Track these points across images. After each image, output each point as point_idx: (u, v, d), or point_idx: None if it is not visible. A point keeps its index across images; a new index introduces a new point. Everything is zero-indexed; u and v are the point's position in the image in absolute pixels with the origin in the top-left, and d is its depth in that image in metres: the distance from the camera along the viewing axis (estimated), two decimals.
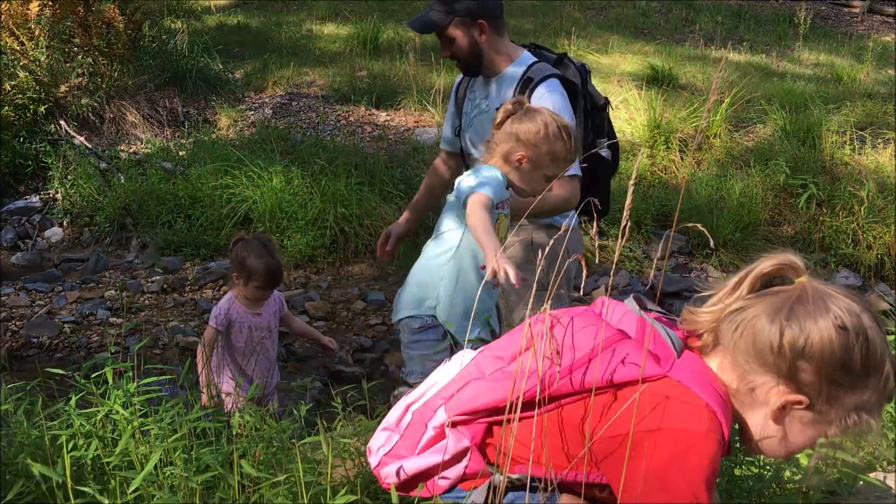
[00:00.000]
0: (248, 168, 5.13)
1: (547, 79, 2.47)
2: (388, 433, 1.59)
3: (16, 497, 1.58)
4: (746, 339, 1.23)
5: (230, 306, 2.79)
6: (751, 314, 1.23)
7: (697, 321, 1.32)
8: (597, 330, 1.36)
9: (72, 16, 6.06)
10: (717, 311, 1.29)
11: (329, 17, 9.39)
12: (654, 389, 1.25)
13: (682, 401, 1.23)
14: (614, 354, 1.31)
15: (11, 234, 5.06)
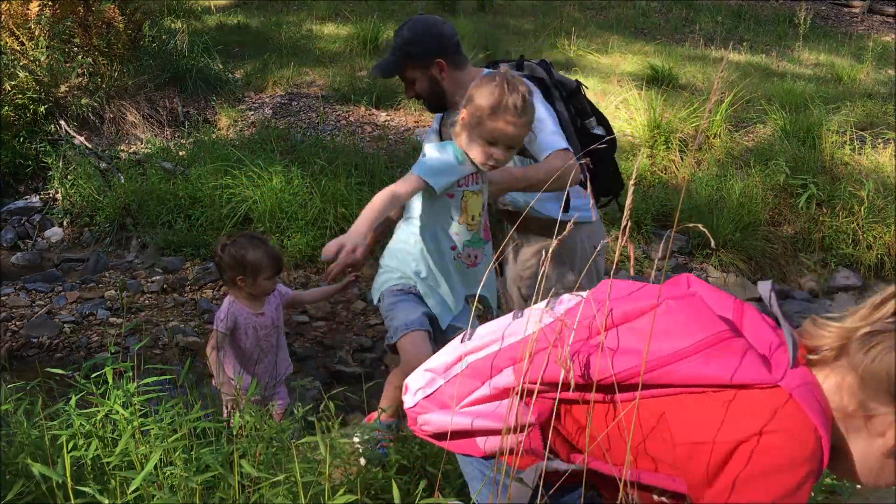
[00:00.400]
0: (248, 168, 5.13)
1: None
2: (432, 376, 1.50)
3: (16, 497, 1.58)
4: (881, 366, 1.12)
5: (232, 309, 2.77)
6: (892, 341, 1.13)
7: (823, 336, 1.22)
8: (706, 321, 1.25)
9: (72, 16, 6.06)
10: (848, 329, 1.19)
11: (329, 17, 9.39)
12: (760, 398, 1.16)
13: (790, 417, 1.14)
14: (723, 352, 1.20)
15: (11, 234, 5.06)
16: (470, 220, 2.21)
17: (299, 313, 4.33)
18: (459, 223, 2.21)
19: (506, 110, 2.01)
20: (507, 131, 2.04)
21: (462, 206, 2.18)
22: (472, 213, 2.20)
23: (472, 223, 2.22)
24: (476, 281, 2.28)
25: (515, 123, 2.04)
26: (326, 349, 4.06)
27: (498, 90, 2.02)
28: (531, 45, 8.56)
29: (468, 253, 2.24)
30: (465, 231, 2.22)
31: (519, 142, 2.12)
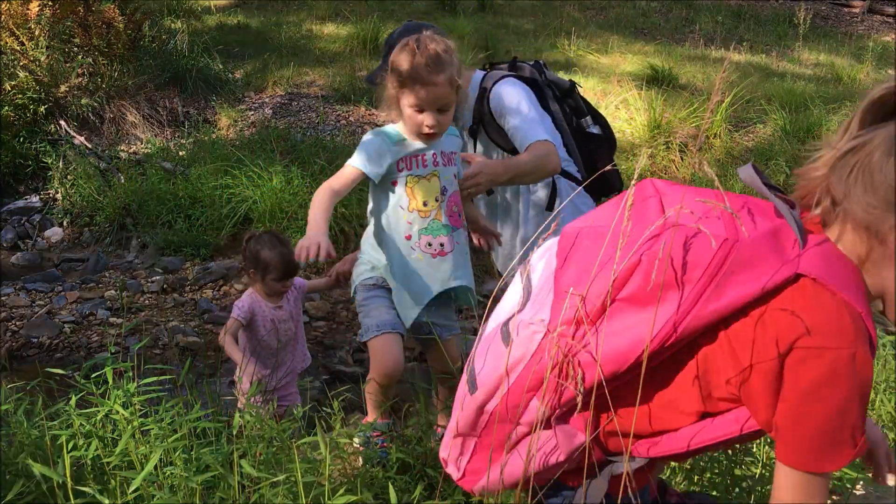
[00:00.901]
0: (248, 168, 5.13)
1: (500, 80, 2.50)
2: (462, 439, 1.40)
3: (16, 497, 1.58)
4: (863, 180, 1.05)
5: (252, 300, 2.82)
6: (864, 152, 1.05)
7: (810, 178, 1.14)
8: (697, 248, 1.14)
9: (72, 16, 6.06)
10: (827, 159, 1.10)
11: (329, 17, 9.40)
12: (786, 300, 1.08)
13: (821, 306, 1.07)
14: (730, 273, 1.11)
15: (11, 234, 5.06)
16: (421, 206, 2.11)
17: None
18: (409, 211, 2.12)
19: (420, 71, 1.96)
20: (429, 93, 1.97)
21: (408, 192, 2.10)
22: (421, 198, 2.10)
23: (424, 209, 2.12)
24: (452, 272, 2.17)
25: (435, 82, 1.97)
26: (326, 349, 4.06)
27: (409, 53, 1.97)
28: (531, 44, 8.56)
29: (427, 241, 2.14)
30: (418, 218, 2.12)
31: (447, 102, 2.03)
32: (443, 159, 2.15)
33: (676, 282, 1.13)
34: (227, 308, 4.33)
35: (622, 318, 1.18)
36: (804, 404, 1.08)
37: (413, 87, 1.98)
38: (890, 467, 1.43)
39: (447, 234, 2.15)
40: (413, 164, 2.11)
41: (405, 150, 2.10)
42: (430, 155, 2.12)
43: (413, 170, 2.10)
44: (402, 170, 2.10)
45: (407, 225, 2.12)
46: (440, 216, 2.12)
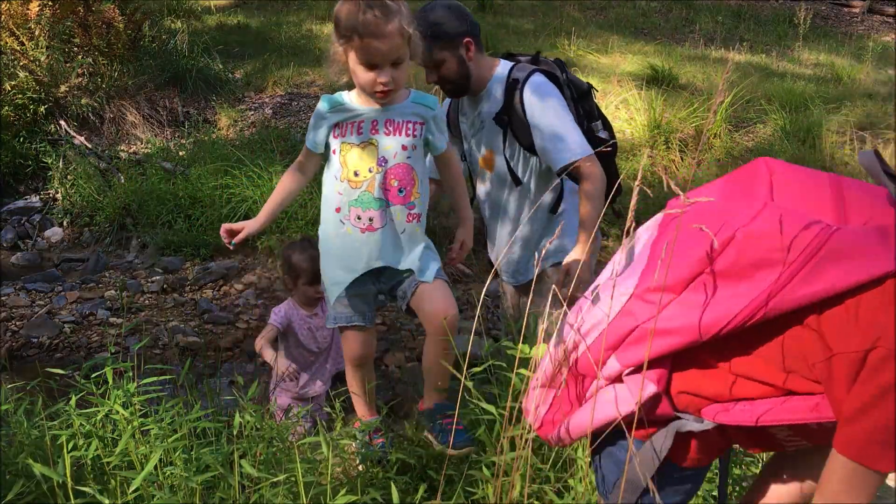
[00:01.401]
0: (248, 168, 5.13)
1: (531, 74, 2.49)
2: (544, 391, 1.48)
3: (16, 497, 1.58)
4: None
5: (289, 308, 2.83)
6: None
7: None
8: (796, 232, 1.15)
9: (72, 16, 6.06)
10: None
11: (329, 17, 9.38)
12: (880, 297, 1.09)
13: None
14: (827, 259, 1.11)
15: (11, 234, 5.06)
16: (352, 176, 1.98)
17: None
18: (340, 180, 2.00)
19: (367, 23, 1.81)
20: (379, 47, 1.83)
21: (340, 160, 1.98)
22: (353, 167, 1.97)
23: (354, 179, 1.98)
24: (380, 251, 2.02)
25: (384, 33, 1.82)
26: None
27: (352, 5, 1.84)
28: (531, 44, 8.55)
29: (356, 214, 1.99)
30: (348, 189, 1.99)
31: (400, 54, 1.87)
32: (387, 128, 1.97)
33: (770, 261, 1.15)
34: (227, 308, 4.34)
35: (709, 291, 1.21)
36: (876, 400, 1.10)
37: (362, 41, 1.83)
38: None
39: (378, 208, 1.98)
40: (347, 130, 1.98)
41: (341, 115, 1.97)
42: (369, 122, 1.96)
43: (346, 136, 1.97)
44: (336, 136, 1.98)
45: (337, 196, 2.02)
46: (372, 188, 1.97)
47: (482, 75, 2.55)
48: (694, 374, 1.28)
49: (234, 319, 4.22)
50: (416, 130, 2.01)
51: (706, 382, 1.28)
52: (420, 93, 2.02)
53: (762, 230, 1.17)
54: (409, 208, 2.02)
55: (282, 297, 4.48)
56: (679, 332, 1.22)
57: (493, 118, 2.54)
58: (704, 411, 1.29)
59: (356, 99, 1.98)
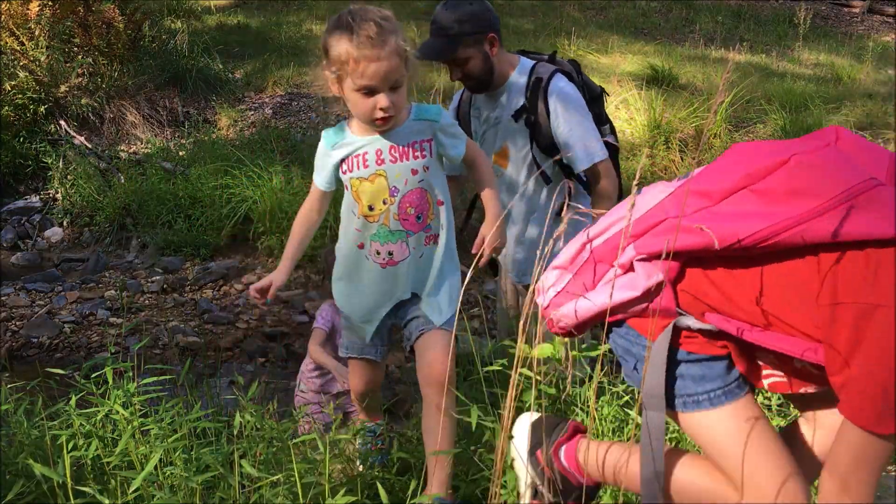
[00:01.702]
0: (248, 168, 5.13)
1: (554, 75, 2.49)
2: (560, 272, 1.49)
3: (16, 497, 1.58)
4: None
5: (332, 309, 2.83)
6: None
7: None
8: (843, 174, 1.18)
9: (72, 16, 6.06)
10: None
11: (329, 17, 9.38)
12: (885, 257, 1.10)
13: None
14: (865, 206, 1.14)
15: (11, 234, 5.06)
16: (367, 211, 1.86)
17: (299, 313, 4.33)
18: (358, 217, 1.88)
19: (362, 46, 1.69)
20: (376, 70, 1.69)
21: (354, 195, 1.87)
22: (367, 201, 1.85)
23: (371, 213, 1.86)
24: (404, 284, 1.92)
25: (380, 56, 1.69)
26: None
27: (344, 29, 1.72)
28: (531, 44, 8.55)
29: (376, 249, 1.89)
30: (366, 223, 1.87)
31: (398, 77, 1.74)
32: (392, 155, 1.85)
33: (811, 192, 1.17)
34: (227, 308, 4.34)
35: (744, 204, 1.24)
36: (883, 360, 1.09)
37: (358, 66, 1.70)
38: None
39: (396, 240, 1.88)
40: (354, 164, 1.86)
41: (344, 150, 1.86)
42: (374, 152, 1.84)
43: (354, 171, 1.86)
44: (345, 173, 1.87)
45: (356, 233, 1.90)
46: (388, 220, 1.86)
47: (503, 71, 2.54)
48: (701, 280, 1.31)
49: (234, 319, 4.23)
50: (425, 150, 1.87)
51: (711, 291, 1.29)
52: (421, 106, 1.89)
53: (815, 161, 1.20)
54: (426, 231, 1.90)
55: (281, 296, 4.48)
56: (699, 232, 1.24)
57: (512, 116, 2.53)
58: (707, 316, 1.31)
59: (356, 129, 1.87)
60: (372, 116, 1.76)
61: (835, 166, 1.20)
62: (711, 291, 1.30)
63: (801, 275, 1.19)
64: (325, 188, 1.92)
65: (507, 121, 2.56)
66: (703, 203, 1.29)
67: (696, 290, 1.32)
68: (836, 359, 1.15)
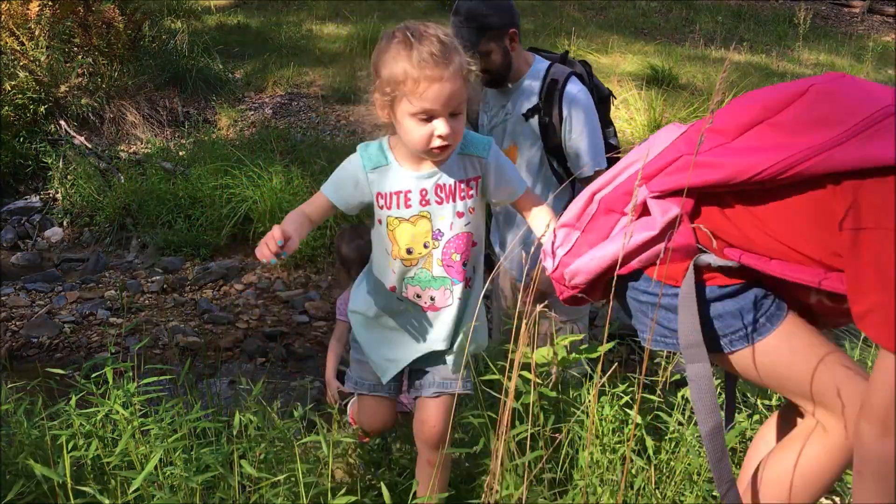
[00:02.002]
0: (248, 168, 5.13)
1: (570, 77, 2.49)
2: (567, 230, 1.42)
3: (16, 497, 1.58)
4: None
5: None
6: None
7: None
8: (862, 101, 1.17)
9: (72, 16, 6.06)
10: None
11: (329, 17, 9.40)
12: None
13: None
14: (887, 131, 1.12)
15: (11, 234, 5.06)
16: (404, 254, 1.67)
17: (299, 313, 4.33)
18: (392, 257, 1.68)
19: (424, 64, 1.47)
20: (438, 92, 1.48)
21: (389, 235, 1.66)
22: (404, 244, 1.66)
23: (408, 258, 1.67)
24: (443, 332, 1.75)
25: (443, 76, 1.48)
26: (326, 349, 4.06)
27: (403, 46, 1.50)
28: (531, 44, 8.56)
29: (415, 292, 1.71)
30: (402, 266, 1.68)
31: (460, 101, 1.54)
32: (439, 195, 1.64)
33: (831, 121, 1.16)
34: (227, 308, 4.34)
35: (762, 138, 1.22)
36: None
37: (418, 88, 1.48)
38: None
39: (438, 287, 1.70)
40: (394, 202, 1.64)
41: (385, 182, 1.64)
42: (418, 192, 1.63)
43: (394, 210, 1.64)
44: (381, 207, 1.65)
45: (391, 274, 1.71)
46: (430, 266, 1.68)
47: (518, 68, 2.55)
48: (717, 216, 1.27)
49: (234, 319, 4.22)
50: (472, 189, 1.67)
51: (727, 227, 1.26)
52: (469, 136, 1.67)
53: (834, 90, 1.20)
54: (473, 284, 1.75)
55: (281, 296, 4.48)
56: (717, 167, 1.21)
57: (524, 114, 2.53)
58: (727, 252, 1.27)
59: (402, 157, 1.64)
60: (428, 145, 1.54)
61: (854, 94, 1.19)
62: (728, 227, 1.26)
63: (822, 204, 1.17)
64: (345, 209, 1.67)
65: (517, 119, 2.56)
66: (718, 140, 1.27)
67: (712, 226, 1.27)
68: (860, 284, 1.13)
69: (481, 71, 2.47)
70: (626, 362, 3.54)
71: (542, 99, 2.49)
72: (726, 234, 1.27)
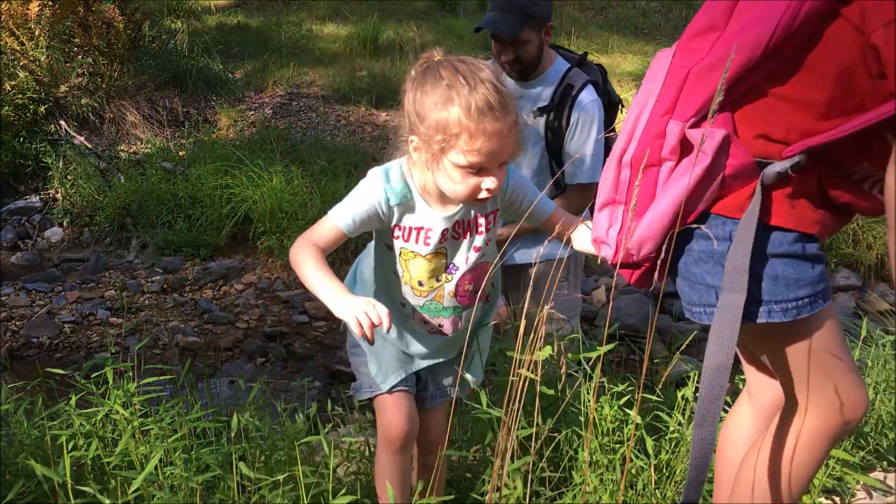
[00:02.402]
0: (248, 168, 5.13)
1: (586, 85, 2.50)
2: (609, 210, 1.32)
3: (16, 497, 1.58)
4: None
5: None
6: None
7: None
8: None
9: (72, 16, 6.06)
10: None
11: (329, 17, 9.40)
12: None
13: None
14: None
15: (11, 234, 5.06)
16: (416, 285, 1.60)
17: (299, 313, 4.33)
18: (404, 283, 1.61)
19: (482, 117, 1.35)
20: (494, 148, 1.38)
21: (402, 263, 1.58)
22: (417, 277, 1.58)
23: (419, 289, 1.60)
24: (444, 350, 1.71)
25: (502, 133, 1.37)
26: (326, 349, 4.06)
27: (455, 91, 1.37)
28: None
29: (421, 319, 1.64)
30: (412, 295, 1.62)
31: (514, 151, 1.45)
32: (457, 230, 1.56)
33: None
34: (227, 308, 4.34)
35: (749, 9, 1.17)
36: None
37: (473, 140, 1.36)
38: None
39: (448, 316, 1.64)
40: (412, 237, 1.55)
41: (406, 216, 1.53)
42: (440, 232, 1.54)
43: (410, 244, 1.56)
44: (397, 237, 1.56)
45: (400, 293, 1.64)
46: (441, 298, 1.61)
47: (544, 64, 2.55)
48: (759, 119, 1.21)
49: (234, 319, 4.23)
50: (490, 222, 1.60)
51: (776, 121, 1.20)
52: None
53: None
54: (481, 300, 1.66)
55: (281, 296, 4.48)
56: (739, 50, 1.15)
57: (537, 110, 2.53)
58: (785, 153, 1.19)
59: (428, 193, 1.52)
60: (473, 196, 1.44)
61: None
62: (776, 122, 1.19)
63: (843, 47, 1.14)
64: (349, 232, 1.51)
65: (527, 115, 2.56)
66: (713, 37, 1.21)
67: (760, 129, 1.20)
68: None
69: (513, 61, 2.48)
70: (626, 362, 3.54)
71: (554, 102, 2.50)
72: (774, 128, 1.19)
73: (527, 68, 2.52)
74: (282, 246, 4.68)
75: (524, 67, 2.51)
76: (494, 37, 2.47)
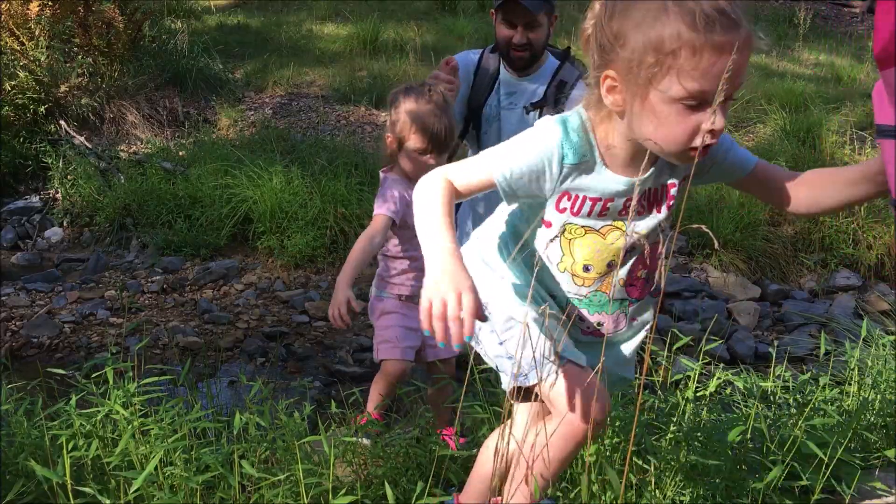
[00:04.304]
0: (248, 168, 5.13)
1: (577, 81, 2.51)
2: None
3: (16, 497, 1.58)
4: None
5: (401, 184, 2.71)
6: None
7: None
8: None
9: (72, 16, 6.06)
10: None
11: (329, 17, 9.39)
12: None
13: None
14: None
15: (11, 234, 5.06)
16: (580, 272, 1.30)
17: (299, 313, 4.33)
18: (560, 270, 1.32)
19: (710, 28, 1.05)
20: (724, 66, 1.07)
21: (563, 244, 1.27)
22: (583, 260, 1.28)
23: (583, 276, 1.31)
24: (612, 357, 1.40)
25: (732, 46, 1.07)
26: (326, 349, 4.06)
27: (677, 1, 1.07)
28: None
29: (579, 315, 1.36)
30: (572, 284, 1.32)
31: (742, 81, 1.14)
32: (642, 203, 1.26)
33: None
34: (227, 308, 4.34)
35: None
36: None
37: (692, 59, 1.07)
38: None
39: (613, 311, 1.35)
40: (584, 208, 1.24)
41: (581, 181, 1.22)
42: (622, 202, 1.24)
43: (580, 217, 1.25)
44: (563, 209, 1.25)
45: (554, 283, 1.34)
46: (609, 288, 1.31)
47: (541, 59, 2.56)
48: None
49: (234, 319, 4.23)
50: (673, 195, 1.30)
51: None
52: None
53: None
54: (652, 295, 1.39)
55: (281, 296, 4.48)
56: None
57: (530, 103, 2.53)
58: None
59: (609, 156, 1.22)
60: (690, 143, 1.14)
61: None
62: None
63: None
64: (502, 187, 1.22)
65: (520, 112, 2.56)
66: None
67: None
68: None
69: (525, 45, 2.48)
70: None
71: (547, 97, 2.50)
72: None
73: (532, 57, 2.53)
74: (282, 246, 4.68)
75: (532, 54, 2.52)
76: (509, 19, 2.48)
